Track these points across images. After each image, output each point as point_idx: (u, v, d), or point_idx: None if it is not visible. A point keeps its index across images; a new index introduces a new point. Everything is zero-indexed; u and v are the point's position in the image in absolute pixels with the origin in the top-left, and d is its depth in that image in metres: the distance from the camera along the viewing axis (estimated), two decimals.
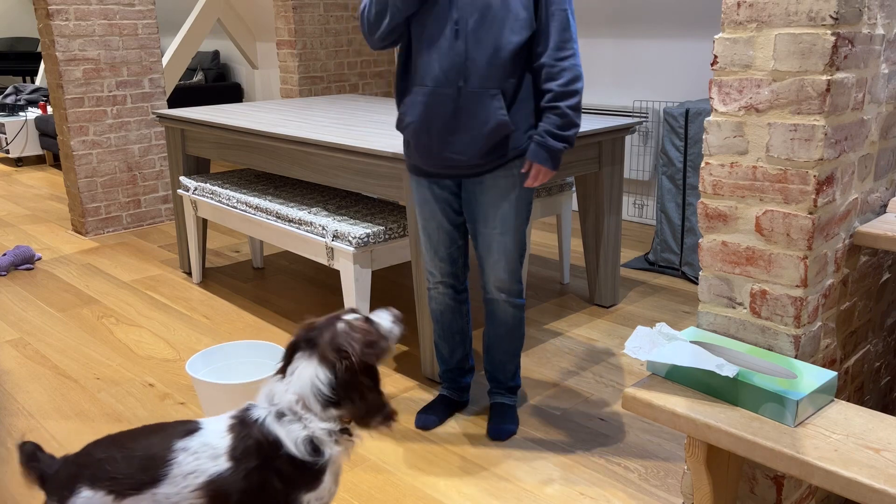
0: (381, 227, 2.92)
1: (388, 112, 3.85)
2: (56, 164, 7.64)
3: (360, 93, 6.28)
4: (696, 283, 3.88)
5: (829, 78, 1.56)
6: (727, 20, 1.68)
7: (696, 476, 1.71)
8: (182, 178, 3.85)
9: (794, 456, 1.43)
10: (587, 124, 3.21)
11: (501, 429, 2.52)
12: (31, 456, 1.52)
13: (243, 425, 1.52)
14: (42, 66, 8.98)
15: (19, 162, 7.57)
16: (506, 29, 2.15)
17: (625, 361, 3.05)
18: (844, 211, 1.77)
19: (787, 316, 1.71)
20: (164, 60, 6.78)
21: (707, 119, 1.76)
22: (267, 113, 3.88)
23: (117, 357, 3.20)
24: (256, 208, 3.35)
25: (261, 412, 1.53)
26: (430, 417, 2.60)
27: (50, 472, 1.50)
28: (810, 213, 1.63)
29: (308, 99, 4.62)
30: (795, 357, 1.72)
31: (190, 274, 4.21)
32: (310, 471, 1.51)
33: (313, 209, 3.20)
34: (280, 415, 1.52)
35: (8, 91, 7.89)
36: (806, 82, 1.59)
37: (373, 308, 3.64)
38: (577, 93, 2.20)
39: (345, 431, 1.56)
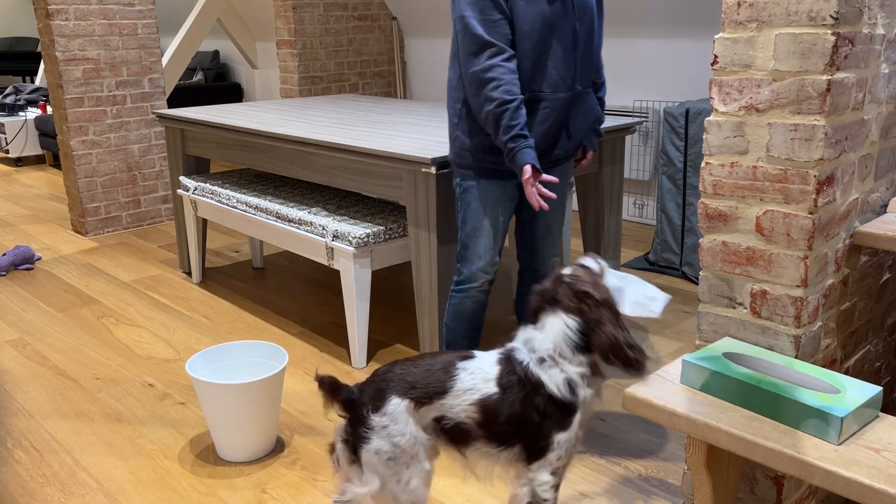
0: (381, 227, 2.92)
1: (388, 112, 3.85)
2: (56, 164, 7.64)
3: (360, 93, 6.28)
4: (697, 283, 3.88)
5: (829, 78, 1.56)
6: (727, 20, 1.68)
7: (696, 476, 1.71)
8: (182, 178, 3.85)
9: (794, 456, 1.43)
10: None
11: None
12: (333, 386, 1.76)
13: (509, 362, 1.73)
14: (42, 65, 8.98)
15: (19, 162, 7.57)
16: None
17: None
18: (845, 211, 1.76)
19: (788, 316, 1.71)
20: (164, 60, 6.77)
21: (707, 119, 1.76)
22: (267, 113, 3.88)
23: (117, 357, 3.20)
24: (256, 208, 3.35)
25: (523, 356, 1.73)
26: None
27: (355, 395, 1.75)
28: (810, 213, 1.63)
29: (308, 99, 4.62)
30: (796, 357, 1.72)
31: (190, 274, 4.21)
32: (565, 410, 1.70)
33: (313, 209, 3.20)
34: (541, 360, 1.71)
35: (8, 91, 7.88)
36: (806, 82, 1.59)
37: (373, 308, 3.64)
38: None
39: (596, 374, 1.75)
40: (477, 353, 1.80)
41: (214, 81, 8.50)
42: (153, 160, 5.24)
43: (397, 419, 1.69)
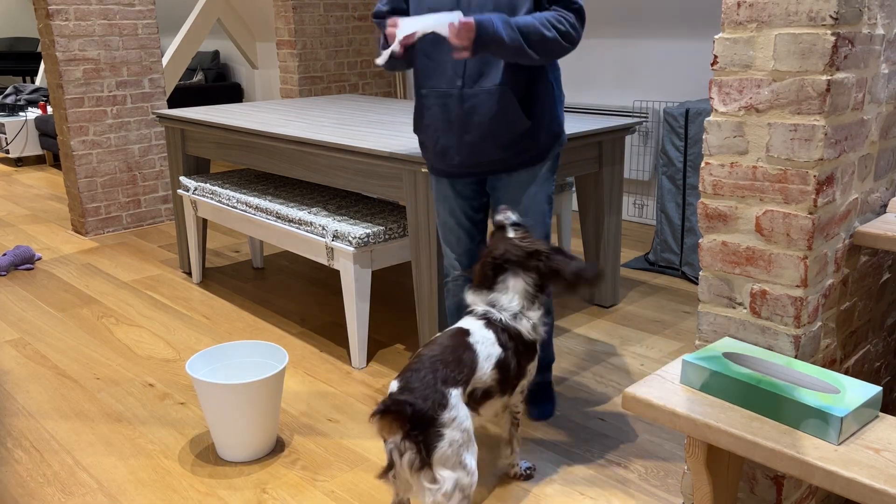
0: (381, 227, 2.92)
1: (388, 112, 3.85)
2: (56, 164, 7.64)
3: (360, 93, 6.28)
4: (697, 283, 3.88)
5: (829, 78, 1.56)
6: (727, 20, 1.68)
7: (696, 476, 1.71)
8: (182, 178, 3.85)
9: (794, 456, 1.43)
10: (587, 124, 3.21)
11: (544, 408, 2.62)
12: (399, 411, 1.79)
13: (492, 323, 2.05)
14: (42, 66, 8.98)
15: (19, 162, 7.57)
16: None
17: (625, 361, 3.05)
18: (844, 211, 1.76)
19: (787, 316, 1.71)
20: (164, 60, 6.77)
21: (707, 119, 1.76)
22: (267, 113, 3.88)
23: (117, 357, 3.20)
24: (256, 208, 3.35)
25: (496, 314, 2.06)
26: None
27: (419, 405, 1.81)
28: (810, 213, 1.63)
29: (308, 99, 4.62)
30: (795, 357, 1.72)
31: (190, 274, 4.21)
32: (532, 346, 2.12)
33: (313, 209, 3.20)
34: (514, 316, 2.06)
35: (8, 91, 7.89)
36: (806, 82, 1.59)
37: (373, 308, 3.64)
38: (547, 39, 2.10)
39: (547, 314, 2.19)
40: (465, 325, 2.05)
41: (214, 81, 8.50)
42: (153, 160, 5.24)
43: (459, 406, 1.86)
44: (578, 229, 4.87)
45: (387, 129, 3.22)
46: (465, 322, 2.07)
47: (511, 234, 2.13)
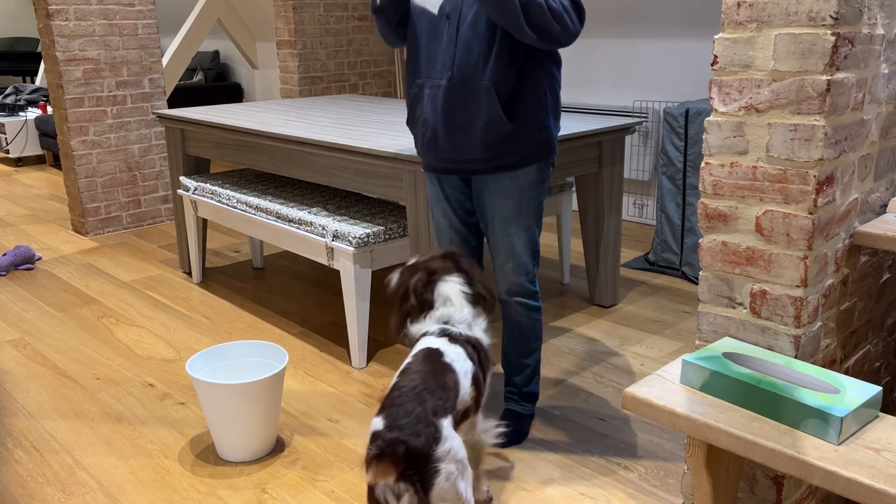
0: (381, 227, 2.92)
1: (388, 112, 3.85)
2: (56, 164, 7.64)
3: (360, 93, 6.28)
4: (696, 283, 3.88)
5: (829, 78, 1.56)
6: (727, 20, 1.68)
7: (696, 476, 1.71)
8: (182, 178, 3.85)
9: (794, 456, 1.43)
10: (587, 124, 3.21)
11: (505, 434, 2.44)
12: (394, 456, 1.67)
13: (455, 338, 1.97)
14: (42, 66, 8.98)
15: (19, 162, 7.57)
16: None
17: (625, 361, 3.05)
18: (844, 211, 1.76)
19: (787, 316, 1.71)
20: (164, 60, 6.77)
21: (707, 119, 1.76)
22: (267, 113, 3.88)
23: (117, 357, 3.20)
24: (256, 208, 3.35)
25: (455, 329, 2.00)
26: None
27: (412, 443, 1.68)
28: (810, 213, 1.63)
29: (308, 99, 4.62)
30: (795, 357, 1.72)
31: (190, 274, 4.21)
32: (488, 355, 2.06)
33: (313, 209, 3.20)
34: (469, 325, 2.01)
35: (8, 91, 7.89)
36: (806, 82, 1.59)
37: (373, 308, 3.64)
38: (538, 5, 2.03)
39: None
40: (432, 343, 1.95)
41: (214, 81, 8.50)
42: (153, 160, 5.24)
43: (452, 437, 1.75)
44: (578, 229, 4.87)
45: (387, 129, 3.22)
46: (429, 342, 1.96)
47: (416, 260, 2.10)
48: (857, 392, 1.54)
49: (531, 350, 2.48)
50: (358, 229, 2.88)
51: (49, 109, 7.50)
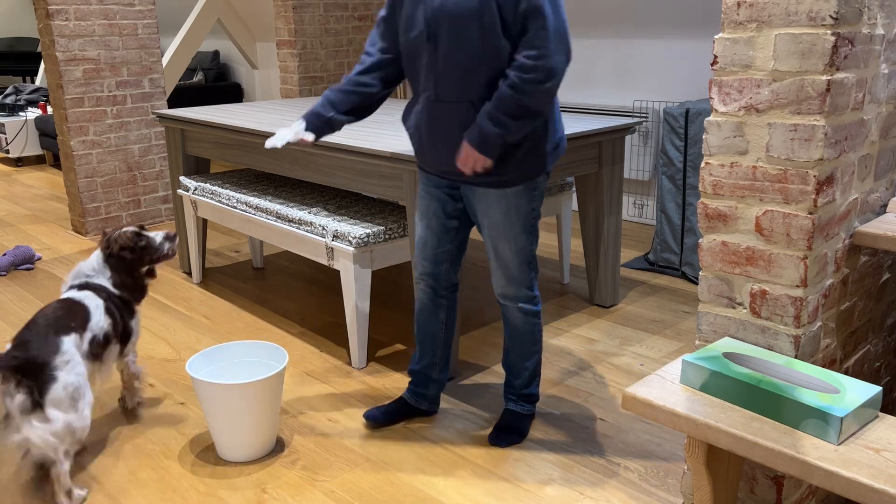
0: (381, 227, 2.92)
1: (387, 112, 3.85)
2: (56, 164, 7.64)
3: None
4: (696, 283, 3.88)
5: (829, 78, 1.56)
6: (727, 20, 1.68)
7: (696, 476, 1.71)
8: (182, 178, 3.85)
9: (794, 456, 1.43)
10: (587, 124, 3.21)
11: (499, 436, 2.47)
12: (5, 358, 2.05)
13: (96, 288, 2.44)
14: (42, 66, 8.98)
15: (19, 162, 7.57)
16: None
17: (625, 361, 3.05)
18: (844, 211, 1.77)
19: (787, 316, 1.71)
20: (164, 60, 6.78)
21: (707, 119, 1.76)
22: (267, 113, 3.88)
23: None
24: (256, 208, 3.35)
25: (95, 281, 2.48)
26: (377, 416, 2.58)
27: (21, 356, 2.07)
28: (810, 213, 1.63)
29: (308, 99, 4.62)
30: (795, 357, 1.72)
31: (190, 274, 4.21)
32: (130, 305, 2.56)
33: (313, 209, 3.20)
34: (101, 277, 2.50)
35: (8, 91, 7.88)
36: (806, 82, 1.59)
37: (373, 308, 3.64)
38: (520, 99, 2.07)
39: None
40: (70, 295, 2.38)
41: (214, 81, 8.51)
42: (153, 160, 5.24)
43: (73, 353, 2.18)
44: (578, 229, 4.88)
45: (387, 129, 3.22)
46: (69, 293, 2.40)
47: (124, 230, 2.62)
48: (857, 392, 1.54)
49: (530, 353, 2.47)
50: (358, 229, 2.88)
51: (49, 109, 7.50)
